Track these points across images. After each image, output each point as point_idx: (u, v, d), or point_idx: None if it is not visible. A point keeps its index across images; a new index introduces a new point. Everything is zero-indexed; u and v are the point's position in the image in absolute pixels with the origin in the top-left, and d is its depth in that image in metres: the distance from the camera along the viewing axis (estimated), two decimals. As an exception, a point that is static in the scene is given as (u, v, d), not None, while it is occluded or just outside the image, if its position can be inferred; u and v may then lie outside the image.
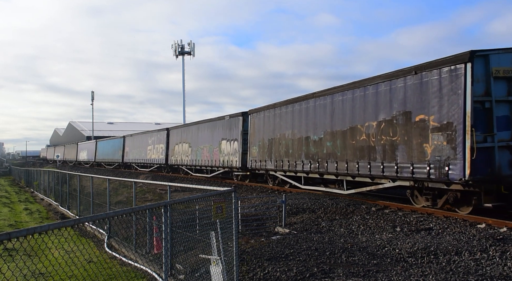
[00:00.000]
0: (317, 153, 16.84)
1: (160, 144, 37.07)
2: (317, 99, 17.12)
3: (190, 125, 32.29)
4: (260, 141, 21.74)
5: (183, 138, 32.59)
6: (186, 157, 31.35)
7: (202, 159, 28.54)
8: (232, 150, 24.38)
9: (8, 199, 27.35)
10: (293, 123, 18.82)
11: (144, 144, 41.13)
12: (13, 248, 4.60)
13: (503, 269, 7.07)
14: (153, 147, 38.72)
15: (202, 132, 29.19)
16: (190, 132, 31.46)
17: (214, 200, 6.56)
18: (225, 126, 25.79)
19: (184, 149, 31.96)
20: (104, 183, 15.43)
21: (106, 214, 4.72)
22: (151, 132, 40.93)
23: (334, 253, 8.31)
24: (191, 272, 7.12)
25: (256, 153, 21.98)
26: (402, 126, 12.77)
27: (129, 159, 45.04)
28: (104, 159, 54.10)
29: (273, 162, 20.16)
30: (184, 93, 67.68)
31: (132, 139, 45.16)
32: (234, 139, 24.37)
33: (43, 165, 75.01)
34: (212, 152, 27.11)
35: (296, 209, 13.75)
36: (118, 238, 11.40)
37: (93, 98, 75.23)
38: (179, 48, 68.42)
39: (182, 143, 32.59)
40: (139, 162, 41.89)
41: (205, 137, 28.50)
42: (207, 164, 27.95)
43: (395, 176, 12.89)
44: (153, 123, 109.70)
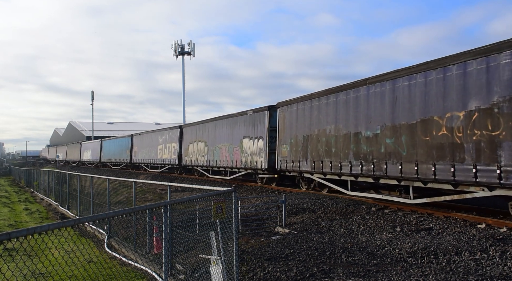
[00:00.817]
0: (371, 152, 13.92)
1: (172, 142, 34.39)
2: (370, 86, 14.11)
3: (207, 122, 29.15)
4: (292, 138, 18.92)
5: (199, 136, 29.97)
6: (202, 157, 28.81)
7: (221, 159, 25.99)
8: (256, 149, 21.80)
9: (8, 199, 27.35)
10: (337, 116, 15.80)
11: (154, 143, 38.41)
12: (13, 248, 4.60)
13: (503, 269, 7.07)
14: (165, 146, 35.97)
15: (220, 130, 26.54)
16: (206, 130, 28.78)
17: (214, 200, 6.56)
18: (247, 122, 23.09)
19: (200, 148, 29.41)
20: (104, 183, 15.44)
21: (106, 214, 4.72)
22: (162, 130, 38.09)
23: (334, 253, 8.31)
24: (191, 272, 7.12)
25: (287, 152, 19.24)
26: (509, 117, 9.96)
27: (137, 159, 42.45)
28: (110, 159, 51.41)
29: (309, 163, 17.37)
30: (184, 93, 67.70)
31: (141, 138, 42.41)
32: (259, 137, 21.73)
33: (43, 165, 74.96)
34: (232, 151, 24.56)
35: (296, 209, 13.75)
36: (118, 238, 11.40)
37: (93, 98, 75.26)
38: (179, 48, 68.39)
39: (197, 142, 30.08)
40: (149, 162, 39.32)
41: (223, 136, 25.89)
42: (226, 164, 25.39)
43: (496, 182, 10.14)
44: (153, 123, 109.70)
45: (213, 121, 27.94)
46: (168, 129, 36.39)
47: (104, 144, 55.08)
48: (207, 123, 28.96)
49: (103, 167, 56.29)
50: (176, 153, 33.26)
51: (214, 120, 27.81)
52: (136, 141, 43.68)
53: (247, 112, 23.18)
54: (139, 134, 43.45)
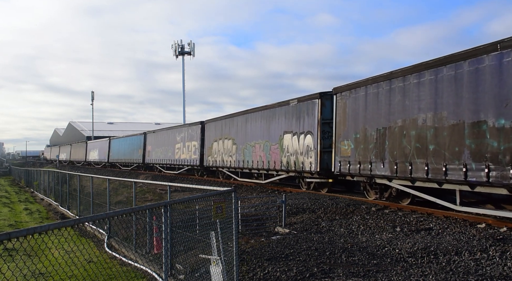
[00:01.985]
0: (508, 150, 9.73)
1: (192, 141, 30.87)
2: (506, 53, 9.81)
3: (235, 116, 25.00)
4: (358, 132, 14.82)
5: (225, 133, 25.99)
6: (229, 157, 25.04)
7: (253, 159, 22.07)
8: (303, 147, 17.98)
9: (8, 199, 27.35)
10: (437, 100, 11.70)
11: (170, 141, 34.74)
12: (13, 248, 4.59)
13: (503, 269, 7.07)
14: (183, 145, 32.33)
15: (253, 125, 22.53)
16: (234, 125, 24.83)
17: (214, 200, 6.56)
18: (289, 114, 19.20)
19: (226, 146, 25.57)
20: (104, 183, 15.44)
21: (106, 214, 4.72)
22: (180, 127, 34.42)
23: (334, 253, 8.31)
24: (191, 272, 7.12)
25: (350, 151, 15.19)
26: None
27: (151, 159, 38.89)
28: (120, 159, 47.64)
29: (387, 165, 13.25)
30: (184, 93, 67.75)
31: (155, 136, 38.67)
32: (306, 132, 17.87)
33: (43, 165, 74.88)
34: (268, 150, 20.72)
35: (296, 209, 13.75)
36: (118, 238, 11.40)
37: (93, 98, 75.25)
38: (179, 48, 68.47)
39: (223, 139, 26.23)
40: (165, 163, 35.63)
41: (257, 131, 22.00)
42: (260, 166, 21.41)
43: None
44: (153, 124, 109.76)
45: (244, 115, 23.80)
46: (188, 126, 32.60)
47: (112, 143, 51.51)
48: (235, 118, 24.90)
49: (111, 167, 52.60)
50: (197, 152, 29.71)
51: (245, 114, 23.71)
52: (149, 139, 40.09)
53: (290, 102, 19.20)
54: (153, 132, 39.87)
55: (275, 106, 20.56)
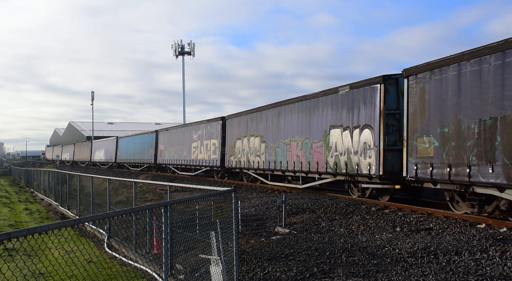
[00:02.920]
0: None
1: (211, 139, 27.83)
2: None
3: (264, 110, 21.70)
4: (445, 125, 11.66)
5: (251, 129, 22.81)
6: (256, 157, 21.97)
7: (288, 160, 18.94)
8: (358, 144, 14.72)
9: (8, 199, 27.36)
10: None
11: (186, 139, 31.82)
12: (13, 248, 4.60)
13: (503, 269, 7.07)
14: (201, 144, 29.23)
15: (287, 119, 19.40)
16: (263, 120, 21.67)
17: (214, 200, 6.57)
18: (339, 104, 15.88)
19: (253, 145, 22.43)
20: (104, 183, 15.44)
21: (106, 214, 4.72)
22: (197, 124, 30.80)
23: (334, 253, 8.32)
24: (191, 272, 7.12)
25: (434, 150, 11.98)
26: None
27: (164, 159, 35.86)
28: (129, 159, 44.63)
29: (499, 169, 10.18)
30: (184, 93, 67.75)
31: (168, 134, 35.66)
32: (363, 127, 14.57)
33: (43, 166, 74.84)
34: (308, 149, 17.59)
35: (296, 209, 13.75)
36: (118, 238, 11.40)
37: (93, 98, 75.25)
38: (179, 48, 68.48)
39: (248, 137, 23.11)
40: (179, 163, 32.68)
41: (294, 126, 18.81)
42: (298, 167, 18.24)
43: None
44: (153, 123, 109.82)
45: (276, 108, 20.50)
46: (206, 123, 29.17)
47: (120, 142, 48.30)
48: (264, 111, 21.60)
49: (119, 168, 49.50)
50: (217, 151, 26.68)
51: (277, 106, 20.40)
52: (162, 138, 36.99)
53: (339, 89, 15.88)
54: (166, 130, 36.78)
55: (318, 95, 17.16)
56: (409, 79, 12.86)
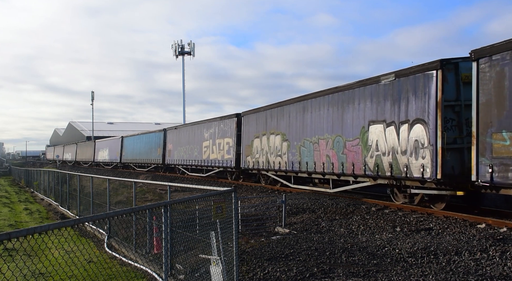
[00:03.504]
0: None
1: (224, 137, 25.78)
2: None
3: (286, 105, 19.64)
4: None
5: (271, 127, 20.84)
6: (277, 158, 19.92)
7: (316, 160, 16.91)
8: (407, 142, 12.61)
9: (8, 199, 27.36)
10: None
11: (197, 138, 29.89)
12: (13, 248, 4.60)
13: (503, 269, 7.07)
14: (213, 143, 27.32)
15: (315, 114, 17.32)
16: (285, 117, 19.60)
17: (214, 200, 6.57)
18: (380, 96, 13.77)
19: (273, 144, 20.46)
20: (104, 183, 15.44)
21: (106, 214, 4.72)
22: (209, 121, 28.69)
23: (334, 253, 8.32)
24: (191, 272, 7.12)
25: None
26: None
27: (173, 159, 33.91)
28: (135, 159, 42.60)
29: None
30: (184, 93, 67.77)
31: (177, 133, 33.80)
32: (414, 121, 12.44)
33: (43, 166, 74.80)
34: (341, 148, 15.54)
35: (296, 209, 13.75)
36: (118, 238, 11.40)
37: (93, 98, 75.23)
38: (179, 48, 68.50)
39: (267, 135, 21.05)
40: (189, 163, 30.74)
41: (322, 123, 16.81)
42: (328, 169, 16.15)
43: None
44: (153, 123, 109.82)
45: (300, 102, 18.45)
46: (219, 120, 27.13)
47: (126, 141, 46.38)
48: (287, 107, 19.52)
49: (124, 168, 47.47)
50: (232, 151, 24.70)
51: (302, 100, 18.33)
52: (170, 137, 35.12)
53: (381, 78, 13.78)
54: (175, 128, 34.96)
55: (354, 86, 15.07)
56: (479, 62, 10.62)
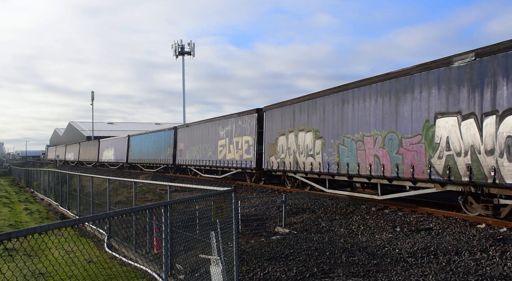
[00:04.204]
0: None
1: (243, 135, 23.56)
2: None
3: (319, 97, 17.09)
4: None
5: (300, 122, 18.33)
6: (309, 158, 17.42)
7: (360, 161, 14.28)
8: (493, 139, 10.26)
9: (8, 199, 27.36)
10: None
11: (211, 137, 27.72)
12: (13, 248, 4.60)
13: (503, 269, 7.07)
14: (229, 141, 25.10)
15: (357, 107, 14.67)
16: (318, 110, 17.06)
17: (214, 200, 6.57)
18: (452, 82, 11.40)
19: (303, 142, 17.94)
20: (104, 183, 15.44)
21: (106, 214, 4.72)
22: (224, 118, 26.31)
23: (334, 253, 8.32)
24: (191, 272, 7.12)
25: None
26: None
27: (184, 159, 31.84)
28: (143, 160, 40.57)
29: None
30: (184, 93, 67.75)
31: (189, 131, 31.58)
32: (505, 113, 10.06)
33: (43, 166, 74.73)
34: (395, 146, 12.91)
35: (296, 209, 13.75)
36: (118, 238, 11.40)
37: (93, 98, 75.23)
38: (179, 48, 68.50)
39: (296, 132, 18.57)
40: (203, 164, 28.60)
41: (367, 116, 14.17)
42: (377, 172, 13.59)
43: None
44: (153, 123, 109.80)
45: (338, 93, 15.81)
46: (236, 116, 24.72)
47: (132, 141, 44.30)
48: (320, 99, 17.01)
49: (131, 169, 45.34)
50: (252, 150, 22.41)
51: (341, 91, 15.65)
52: (181, 135, 33.06)
53: (452, 59, 11.33)
54: (186, 126, 32.71)
55: (412, 71, 12.56)
56: None
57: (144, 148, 40.63)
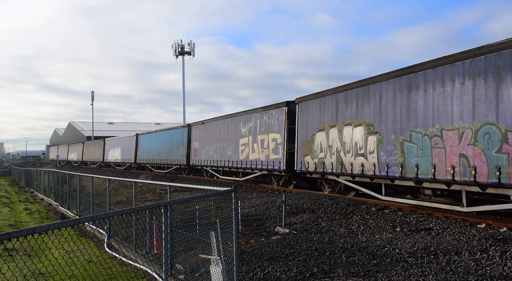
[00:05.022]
0: None
1: (270, 132, 20.83)
2: None
3: (373, 83, 14.25)
4: None
5: (346, 115, 15.42)
6: (358, 158, 14.65)
7: (437, 162, 11.60)
8: None
9: (8, 199, 27.36)
10: None
11: (231, 134, 25.12)
12: (13, 248, 4.60)
13: (503, 269, 7.07)
14: (253, 139, 22.47)
15: (431, 94, 11.96)
16: (371, 100, 14.21)
17: (214, 200, 6.57)
18: None
19: (350, 138, 15.11)
20: (104, 183, 15.44)
21: (106, 214, 4.72)
22: (247, 113, 23.66)
23: (334, 253, 8.32)
24: (191, 272, 7.12)
25: None
26: None
27: (200, 159, 29.41)
28: (153, 160, 38.29)
29: None
30: (184, 93, 67.76)
31: (205, 129, 29.12)
32: None
33: (43, 166, 74.68)
34: (495, 143, 10.24)
35: (296, 209, 13.75)
36: (118, 238, 11.40)
37: (93, 98, 75.24)
38: (179, 48, 68.53)
39: (340, 126, 15.68)
40: (221, 165, 25.99)
41: (447, 105, 11.49)
42: (462, 176, 10.94)
43: None
44: (153, 123, 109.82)
45: (401, 78, 13.05)
46: (261, 111, 21.98)
47: (141, 139, 42.07)
48: (375, 86, 14.10)
49: (139, 169, 43.36)
50: (280, 149, 19.76)
51: (407, 73, 12.85)
52: (196, 133, 30.70)
53: None
54: (202, 123, 29.95)
55: None
56: None
57: (154, 147, 38.36)
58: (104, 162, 54.45)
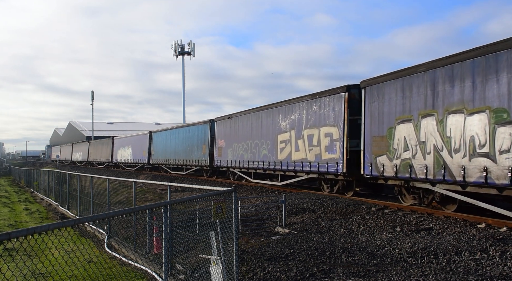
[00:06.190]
0: None
1: (322, 126, 16.85)
2: None
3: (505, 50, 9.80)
4: None
5: (451, 99, 11.25)
6: (476, 160, 10.54)
7: None
8: None
9: (8, 199, 27.36)
10: None
11: (265, 130, 21.24)
12: (13, 248, 4.60)
13: (503, 269, 7.07)
14: (297, 135, 18.50)
15: None
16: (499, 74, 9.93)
17: (214, 200, 6.57)
18: None
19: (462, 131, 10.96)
20: (104, 183, 15.44)
21: (106, 214, 4.72)
22: (288, 103, 19.57)
23: (334, 253, 8.32)
24: (191, 272, 7.12)
25: None
26: None
27: (225, 160, 25.42)
28: (169, 160, 34.33)
29: None
30: (184, 93, 67.80)
31: (232, 124, 25.18)
32: None
33: (43, 166, 74.65)
34: None
35: (296, 209, 13.75)
36: (118, 238, 11.41)
37: (93, 98, 75.20)
38: (179, 48, 68.58)
39: (439, 116, 11.68)
40: (254, 166, 22.12)
41: None
42: None
43: None
44: (153, 123, 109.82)
45: None
46: (309, 99, 17.99)
47: (155, 138, 38.15)
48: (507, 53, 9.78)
49: (153, 170, 39.80)
50: (337, 147, 15.92)
51: None
52: (221, 129, 26.60)
53: None
54: (228, 118, 25.74)
55: None
56: None
57: (171, 146, 34.31)
58: (112, 162, 50.37)
